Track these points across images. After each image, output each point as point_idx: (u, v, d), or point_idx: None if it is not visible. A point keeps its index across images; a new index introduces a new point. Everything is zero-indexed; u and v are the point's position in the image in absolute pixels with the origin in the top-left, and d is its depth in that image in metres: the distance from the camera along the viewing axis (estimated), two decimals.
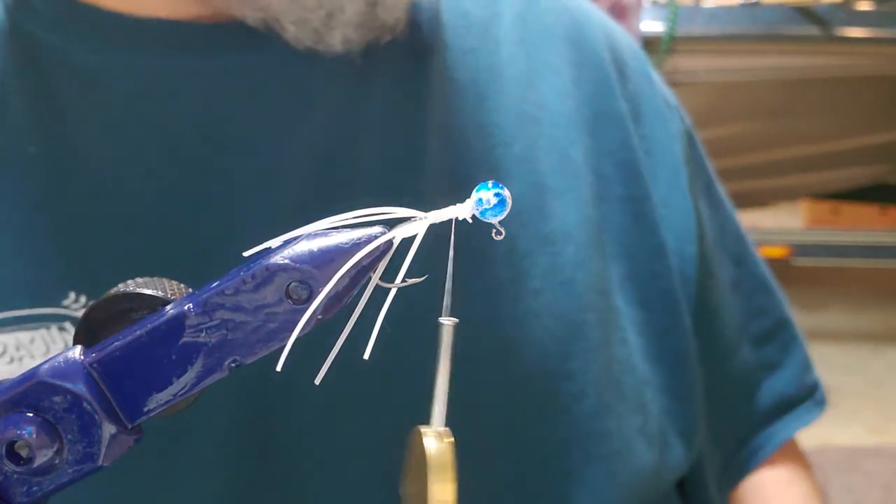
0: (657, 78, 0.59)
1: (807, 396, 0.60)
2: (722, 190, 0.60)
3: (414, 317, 0.35)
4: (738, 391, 0.57)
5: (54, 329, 0.40)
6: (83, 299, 0.40)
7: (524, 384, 0.46)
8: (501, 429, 0.45)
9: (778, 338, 0.59)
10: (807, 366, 0.61)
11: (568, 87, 0.51)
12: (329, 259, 0.22)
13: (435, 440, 0.24)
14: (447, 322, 0.24)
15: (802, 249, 2.98)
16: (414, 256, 0.23)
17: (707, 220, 0.55)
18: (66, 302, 0.40)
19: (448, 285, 0.24)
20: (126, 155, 0.43)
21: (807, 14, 2.63)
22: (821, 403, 0.61)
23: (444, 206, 0.24)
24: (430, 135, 0.47)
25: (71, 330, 0.40)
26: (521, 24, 0.52)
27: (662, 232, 0.51)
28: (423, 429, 0.25)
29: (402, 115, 0.47)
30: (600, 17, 0.57)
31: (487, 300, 0.45)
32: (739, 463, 0.57)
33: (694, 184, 0.55)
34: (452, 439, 0.25)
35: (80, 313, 0.38)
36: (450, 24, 0.50)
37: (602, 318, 0.47)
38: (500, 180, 0.24)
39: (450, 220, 0.24)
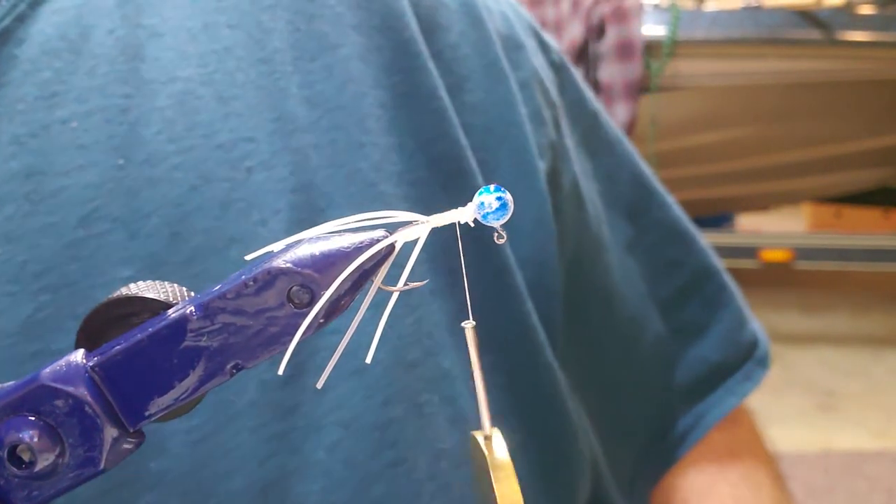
0: (497, 7, 0.43)
1: (743, 360, 0.48)
2: (612, 126, 0.47)
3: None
4: (650, 371, 0.46)
5: None
6: None
7: None
8: None
9: (699, 293, 0.47)
10: (740, 321, 0.48)
11: (351, 65, 0.37)
12: (331, 263, 0.22)
13: (487, 442, 0.24)
14: (468, 325, 0.24)
15: (805, 253, 2.97)
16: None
17: (591, 175, 0.45)
18: None
19: (467, 292, 0.24)
20: None
21: (808, 18, 2.63)
22: (762, 363, 0.48)
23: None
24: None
25: None
26: None
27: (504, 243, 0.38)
28: (477, 434, 0.25)
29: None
30: None
31: (257, 413, 0.32)
32: (661, 455, 0.46)
33: (565, 138, 0.43)
34: (501, 438, 0.24)
35: None
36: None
37: (418, 405, 0.35)
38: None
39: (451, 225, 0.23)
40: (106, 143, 0.33)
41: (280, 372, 0.22)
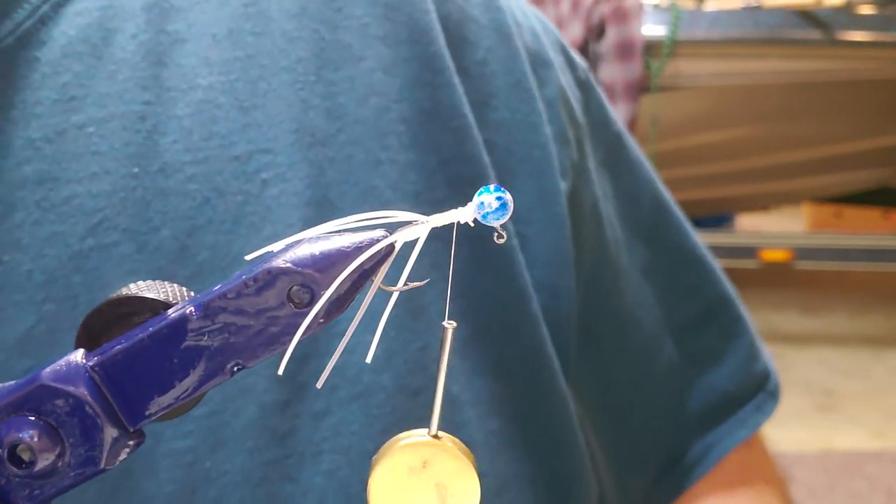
0: (528, 22, 0.42)
1: (755, 390, 0.47)
2: (634, 148, 0.46)
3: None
4: (663, 399, 0.46)
5: None
6: None
7: None
8: None
9: (714, 322, 0.47)
10: (753, 352, 0.47)
11: (374, 78, 0.36)
12: (331, 262, 0.22)
13: (450, 443, 0.24)
14: (449, 325, 0.24)
15: (805, 253, 2.97)
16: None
17: (611, 197, 0.44)
18: None
19: (449, 290, 0.24)
20: None
21: (808, 18, 2.64)
22: (773, 395, 0.48)
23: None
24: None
25: None
26: None
27: (520, 266, 0.38)
28: (419, 432, 0.24)
29: None
30: None
31: (253, 437, 0.32)
32: (672, 483, 0.46)
33: (587, 158, 0.42)
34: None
35: None
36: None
37: None
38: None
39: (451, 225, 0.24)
40: (122, 151, 0.32)
41: (280, 372, 0.22)
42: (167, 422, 0.30)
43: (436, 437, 0.24)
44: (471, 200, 0.36)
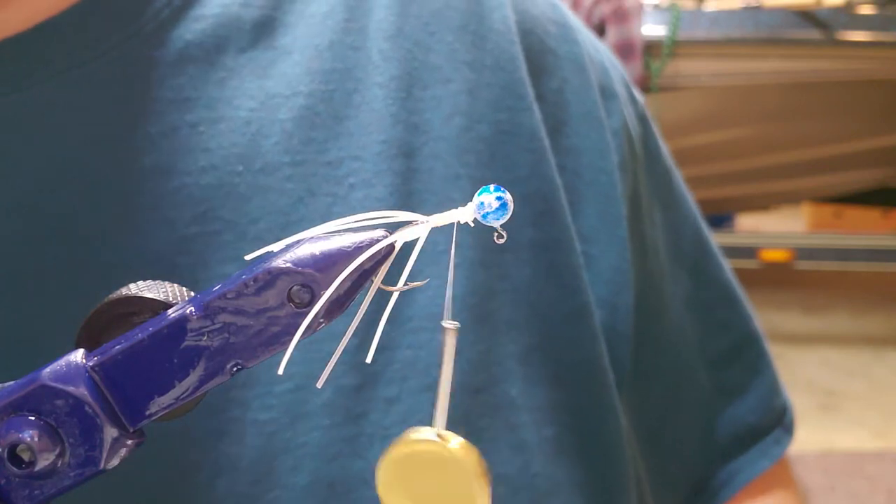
0: (598, 57, 0.45)
1: (775, 424, 0.50)
2: (681, 182, 0.50)
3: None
4: (693, 425, 0.48)
5: None
6: None
7: None
8: None
9: (742, 357, 0.49)
10: (775, 388, 0.50)
11: (460, 98, 0.39)
12: (331, 262, 0.22)
13: (458, 444, 0.24)
14: (450, 325, 0.24)
15: (805, 253, 2.98)
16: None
17: (660, 228, 0.46)
18: None
19: (449, 290, 0.24)
20: None
21: (808, 18, 2.64)
22: (789, 430, 0.51)
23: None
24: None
25: None
26: (401, 8, 0.39)
27: (585, 283, 0.40)
28: (426, 430, 0.24)
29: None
30: None
31: (329, 414, 0.34)
32: None
33: (641, 189, 0.45)
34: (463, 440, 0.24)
35: None
36: (290, 14, 0.38)
37: (479, 430, 0.36)
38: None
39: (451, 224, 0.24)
40: (228, 150, 0.35)
41: (280, 372, 0.22)
42: (253, 394, 0.34)
43: (440, 435, 0.24)
44: (541, 216, 0.39)
